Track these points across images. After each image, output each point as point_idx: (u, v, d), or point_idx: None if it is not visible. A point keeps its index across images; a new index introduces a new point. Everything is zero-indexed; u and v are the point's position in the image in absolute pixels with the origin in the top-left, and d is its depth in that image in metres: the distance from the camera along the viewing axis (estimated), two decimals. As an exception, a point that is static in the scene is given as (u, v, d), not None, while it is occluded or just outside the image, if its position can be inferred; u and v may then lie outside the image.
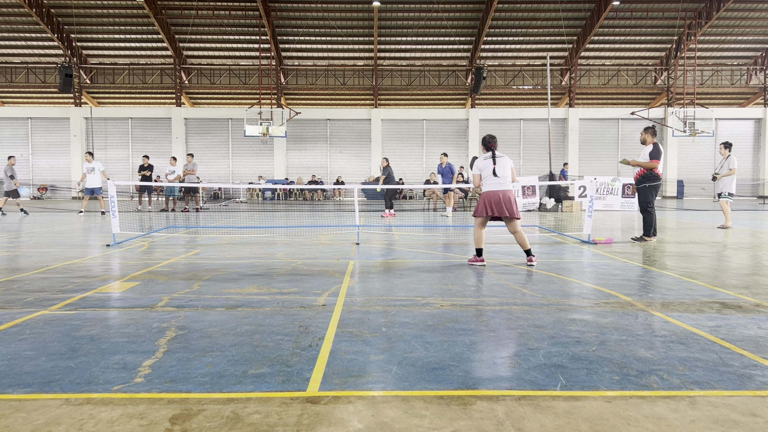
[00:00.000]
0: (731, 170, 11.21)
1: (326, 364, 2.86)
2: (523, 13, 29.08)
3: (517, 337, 3.38)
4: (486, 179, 6.40)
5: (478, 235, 6.39)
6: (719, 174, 11.40)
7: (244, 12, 29.06)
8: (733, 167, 11.20)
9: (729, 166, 11.24)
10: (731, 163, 11.23)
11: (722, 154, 11.46)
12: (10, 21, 29.14)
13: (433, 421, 2.20)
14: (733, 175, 11.30)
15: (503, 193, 6.29)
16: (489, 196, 6.32)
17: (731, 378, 2.68)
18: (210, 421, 2.20)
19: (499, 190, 6.29)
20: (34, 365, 2.85)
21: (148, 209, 18.03)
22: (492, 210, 6.28)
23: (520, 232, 6.37)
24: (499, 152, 6.47)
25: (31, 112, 33.01)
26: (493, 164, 6.33)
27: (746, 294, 4.65)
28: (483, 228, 6.44)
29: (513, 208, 6.30)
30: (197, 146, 32.87)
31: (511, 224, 6.39)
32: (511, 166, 6.48)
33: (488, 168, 6.38)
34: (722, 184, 11.42)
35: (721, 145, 11.56)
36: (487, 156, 6.47)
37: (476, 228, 6.44)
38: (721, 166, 11.42)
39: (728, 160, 11.27)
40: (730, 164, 11.23)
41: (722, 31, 30.36)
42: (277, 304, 4.28)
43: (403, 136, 33.36)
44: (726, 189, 11.37)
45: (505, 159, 6.43)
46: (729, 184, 11.36)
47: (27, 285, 5.05)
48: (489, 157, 6.42)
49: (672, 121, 30.65)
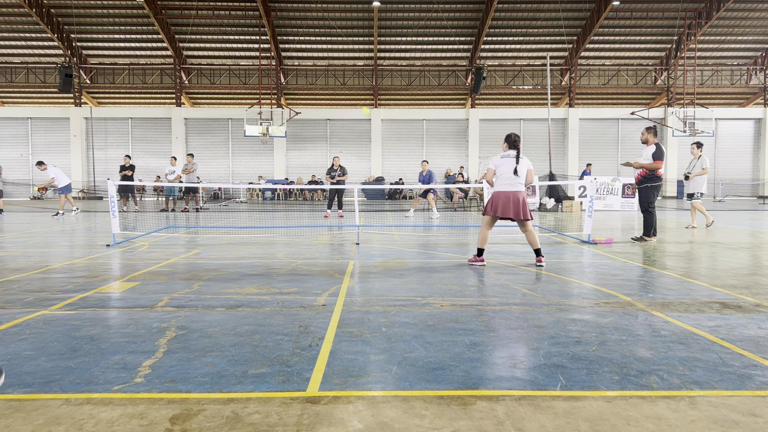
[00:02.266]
0: (704, 170, 11.21)
1: (326, 364, 2.86)
2: (523, 13, 29.08)
3: (517, 337, 3.38)
4: (500, 177, 6.30)
5: (483, 234, 6.32)
6: (692, 174, 11.38)
7: (244, 12, 29.06)
8: (705, 167, 11.20)
9: (702, 166, 11.24)
10: (704, 162, 11.23)
11: (693, 153, 11.44)
12: (10, 21, 29.14)
13: (433, 421, 2.20)
14: (705, 175, 11.32)
15: (514, 194, 6.22)
16: (499, 197, 6.26)
17: (731, 378, 2.68)
18: (210, 421, 2.20)
19: (510, 191, 6.22)
20: (34, 365, 2.85)
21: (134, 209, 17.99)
22: (502, 211, 6.21)
23: (531, 232, 6.33)
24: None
25: (31, 112, 33.01)
26: (516, 163, 6.25)
27: (746, 294, 4.65)
28: (490, 228, 6.37)
29: (524, 210, 6.24)
30: (197, 146, 32.87)
31: (522, 225, 6.38)
32: (529, 167, 6.40)
33: (507, 166, 6.27)
34: (694, 184, 11.41)
35: (693, 145, 11.51)
36: (508, 154, 6.34)
37: (483, 227, 6.36)
38: (693, 166, 11.40)
39: (700, 160, 11.27)
40: (703, 164, 11.23)
41: (722, 31, 30.36)
42: (277, 304, 4.28)
43: (403, 136, 33.36)
44: (698, 189, 11.38)
45: (525, 160, 6.36)
46: (701, 184, 11.38)
47: (27, 285, 5.05)
48: (511, 156, 6.30)
49: (672, 121, 30.65)
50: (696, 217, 11.49)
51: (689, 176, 11.40)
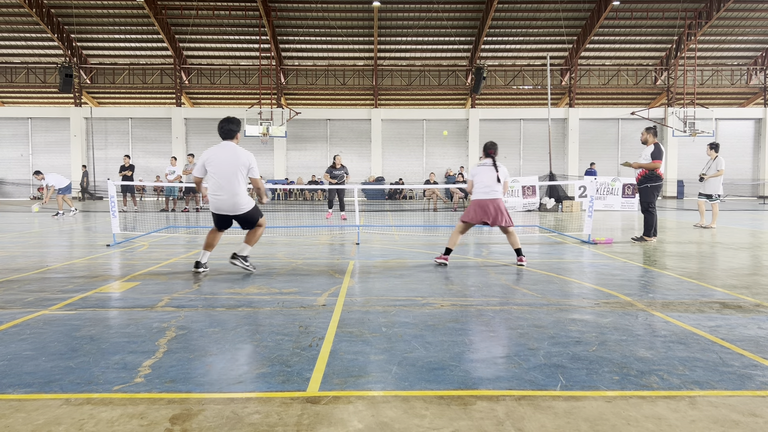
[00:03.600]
0: (719, 171, 11.20)
1: (326, 364, 2.86)
2: (523, 13, 29.07)
3: (517, 337, 3.37)
4: (478, 185, 6.34)
5: (455, 238, 6.38)
6: (707, 175, 11.38)
7: (244, 12, 29.05)
8: (720, 168, 11.19)
9: (717, 167, 11.23)
10: (719, 164, 11.22)
11: (709, 155, 11.44)
12: (10, 21, 29.13)
13: (433, 421, 2.20)
14: (720, 176, 11.31)
15: (493, 201, 6.26)
16: (479, 204, 6.29)
17: (731, 378, 2.68)
18: (210, 421, 2.20)
19: (489, 199, 6.25)
20: (34, 365, 2.85)
21: (134, 209, 17.98)
22: (480, 217, 6.27)
23: (512, 234, 6.39)
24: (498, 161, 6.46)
25: (31, 112, 32.99)
26: (496, 171, 6.30)
27: (746, 294, 4.65)
28: (463, 233, 6.45)
29: (504, 217, 6.29)
30: (197, 146, 32.85)
31: (504, 229, 6.44)
32: (506, 178, 6.44)
33: (484, 174, 6.32)
34: (711, 185, 11.41)
35: (708, 146, 11.52)
36: (484, 163, 6.41)
37: (456, 231, 6.41)
38: (708, 167, 11.41)
39: (716, 161, 11.26)
40: (718, 165, 11.22)
41: (722, 31, 30.35)
42: (277, 304, 4.28)
43: (403, 136, 33.35)
44: (716, 191, 11.38)
45: (504, 168, 6.42)
46: (717, 185, 11.38)
47: (27, 285, 5.05)
48: (488, 165, 6.36)
49: (672, 121, 30.64)
50: (705, 216, 11.50)
51: (704, 177, 11.40)
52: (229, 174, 5.50)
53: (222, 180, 5.51)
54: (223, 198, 5.55)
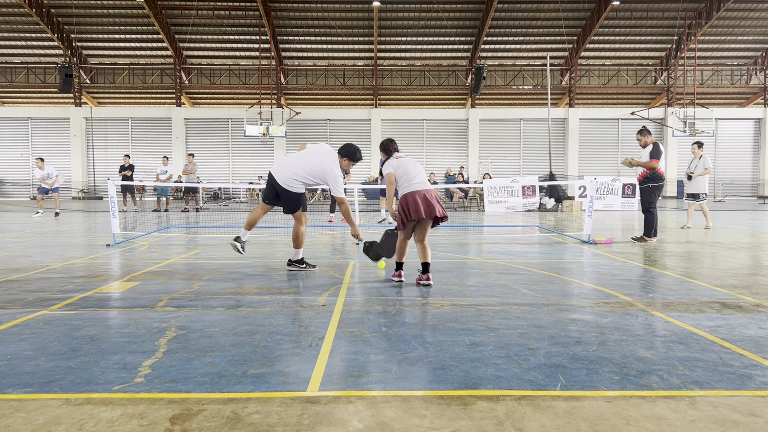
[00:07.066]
0: (707, 169, 11.17)
1: (326, 364, 2.86)
2: (523, 13, 29.07)
3: (517, 337, 3.37)
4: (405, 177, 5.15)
5: (402, 246, 5.26)
6: (694, 174, 11.32)
7: (244, 12, 29.05)
8: (708, 166, 11.16)
9: (704, 166, 11.19)
10: (706, 162, 11.19)
11: (695, 153, 11.38)
12: (10, 21, 29.14)
13: (433, 421, 2.20)
14: (707, 175, 11.28)
15: (428, 192, 5.06)
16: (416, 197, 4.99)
17: (731, 378, 2.68)
18: (210, 421, 2.20)
19: (424, 189, 5.05)
20: (34, 365, 2.85)
21: (134, 209, 17.98)
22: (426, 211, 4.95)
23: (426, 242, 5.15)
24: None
25: (31, 112, 33.00)
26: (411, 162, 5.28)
27: (746, 294, 4.65)
28: (410, 237, 5.25)
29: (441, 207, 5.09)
30: (197, 146, 32.86)
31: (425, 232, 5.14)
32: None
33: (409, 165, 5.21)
34: (697, 184, 11.36)
35: (693, 145, 11.46)
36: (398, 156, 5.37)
37: (401, 238, 5.25)
38: (695, 166, 11.33)
39: (702, 160, 11.21)
40: (705, 164, 11.18)
41: (722, 31, 30.35)
42: (277, 304, 4.28)
43: (403, 136, 33.36)
44: (703, 189, 11.35)
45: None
46: (704, 184, 11.35)
47: (27, 285, 5.05)
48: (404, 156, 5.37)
49: (672, 121, 30.65)
50: (692, 217, 11.48)
51: (692, 176, 11.34)
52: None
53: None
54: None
